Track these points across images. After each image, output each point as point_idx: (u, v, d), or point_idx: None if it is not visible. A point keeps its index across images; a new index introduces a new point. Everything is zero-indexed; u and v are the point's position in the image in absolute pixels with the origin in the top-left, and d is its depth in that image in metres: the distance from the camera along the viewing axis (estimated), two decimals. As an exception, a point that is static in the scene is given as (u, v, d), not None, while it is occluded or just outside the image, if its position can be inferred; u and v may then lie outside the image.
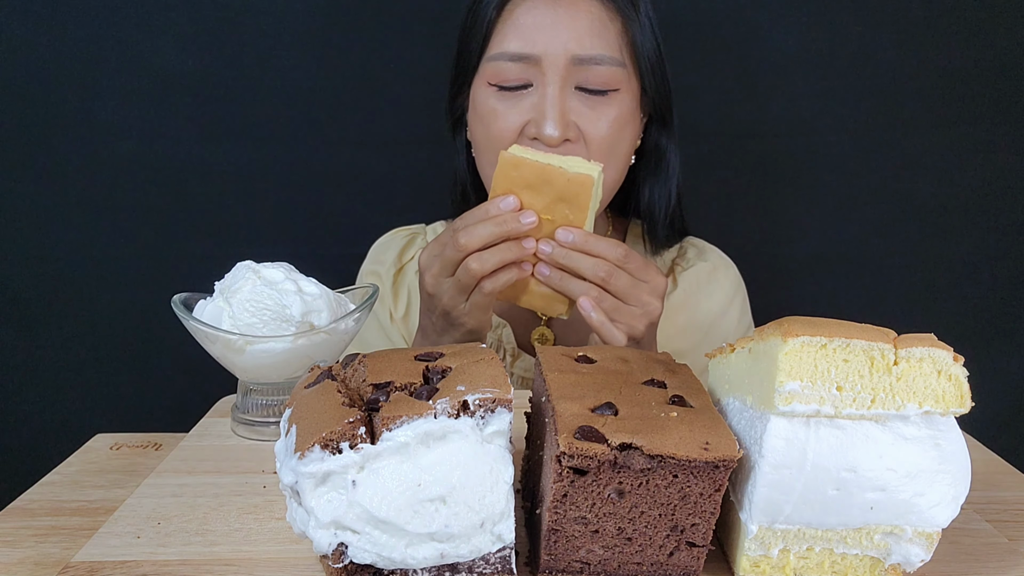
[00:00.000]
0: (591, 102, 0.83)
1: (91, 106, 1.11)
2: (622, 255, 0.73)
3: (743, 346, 0.49)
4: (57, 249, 1.15)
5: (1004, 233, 1.19)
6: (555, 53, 0.81)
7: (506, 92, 0.84)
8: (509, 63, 0.83)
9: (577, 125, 0.83)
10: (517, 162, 0.71)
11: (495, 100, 0.85)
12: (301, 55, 1.12)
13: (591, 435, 0.41)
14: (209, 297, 0.67)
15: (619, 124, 0.85)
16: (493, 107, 0.85)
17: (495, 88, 0.84)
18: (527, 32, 0.82)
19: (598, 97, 0.83)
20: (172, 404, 1.19)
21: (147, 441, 0.71)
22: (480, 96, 0.86)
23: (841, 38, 1.14)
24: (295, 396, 0.47)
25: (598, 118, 0.83)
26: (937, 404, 0.43)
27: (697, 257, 1.01)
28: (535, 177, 0.71)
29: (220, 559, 0.48)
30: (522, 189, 0.72)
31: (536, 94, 0.83)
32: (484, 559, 0.44)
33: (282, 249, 1.17)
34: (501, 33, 0.84)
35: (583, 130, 0.83)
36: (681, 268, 1.00)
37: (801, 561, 0.46)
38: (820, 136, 1.17)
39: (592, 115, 0.83)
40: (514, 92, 0.84)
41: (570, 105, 0.82)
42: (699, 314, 0.97)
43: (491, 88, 0.85)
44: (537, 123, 0.82)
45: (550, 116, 0.81)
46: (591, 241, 0.72)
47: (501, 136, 0.84)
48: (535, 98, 0.83)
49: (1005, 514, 0.55)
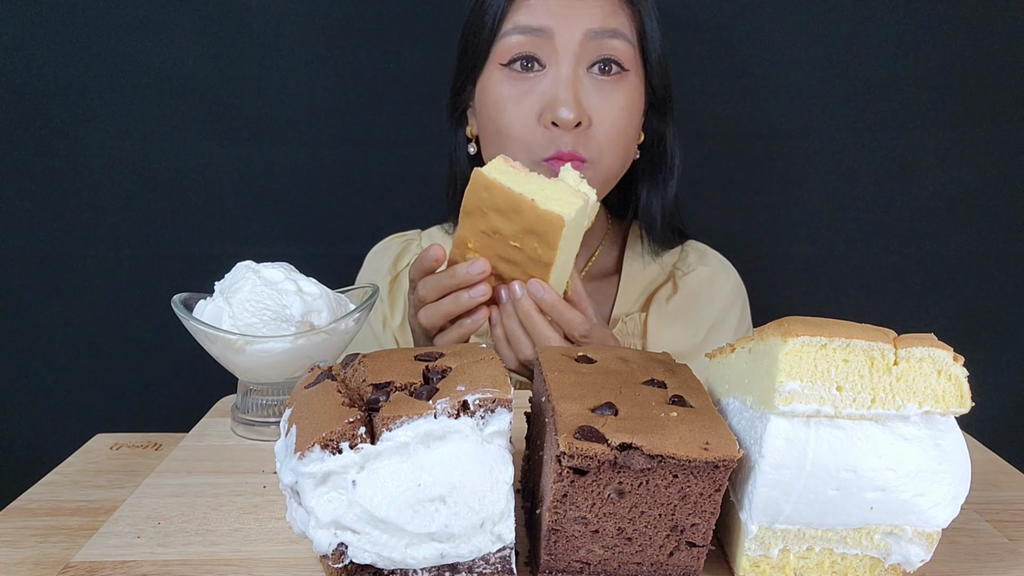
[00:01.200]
0: (603, 86, 0.83)
1: (91, 106, 1.11)
2: (585, 331, 0.72)
3: (743, 346, 0.49)
4: (57, 249, 1.15)
5: (1004, 233, 1.19)
6: (570, 29, 0.81)
7: (518, 76, 0.83)
8: (522, 37, 0.82)
9: (591, 111, 0.82)
10: (488, 184, 0.67)
11: (507, 87, 0.84)
12: (301, 55, 1.12)
13: (591, 435, 0.41)
14: (209, 297, 0.67)
15: (628, 110, 0.85)
16: (506, 95, 0.84)
17: (507, 71, 0.83)
18: (541, 7, 0.82)
19: (610, 82, 0.83)
20: (172, 404, 1.19)
21: (147, 441, 0.71)
22: (491, 83, 0.85)
23: (841, 38, 1.14)
24: (295, 396, 0.47)
25: (609, 103, 0.83)
26: (937, 404, 0.43)
27: (698, 262, 1.01)
28: (505, 204, 0.67)
29: (220, 559, 0.48)
30: (491, 211, 0.68)
31: (549, 76, 0.82)
32: (484, 559, 0.44)
33: (282, 249, 1.17)
34: (515, 8, 0.83)
35: (593, 116, 0.83)
36: (682, 272, 0.99)
37: (801, 561, 0.46)
38: (820, 136, 1.17)
39: (603, 100, 0.83)
40: (526, 76, 0.83)
41: (583, 90, 0.82)
42: (697, 318, 0.97)
43: (503, 72, 0.84)
44: (552, 107, 0.81)
45: (564, 98, 0.80)
46: (559, 308, 0.71)
47: (516, 124, 0.83)
48: (548, 81, 0.82)
49: (1005, 514, 0.55)
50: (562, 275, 0.74)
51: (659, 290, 0.98)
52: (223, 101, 1.12)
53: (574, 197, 0.67)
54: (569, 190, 0.68)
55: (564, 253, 0.70)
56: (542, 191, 0.67)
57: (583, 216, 0.70)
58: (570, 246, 0.71)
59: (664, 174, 0.95)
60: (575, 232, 0.71)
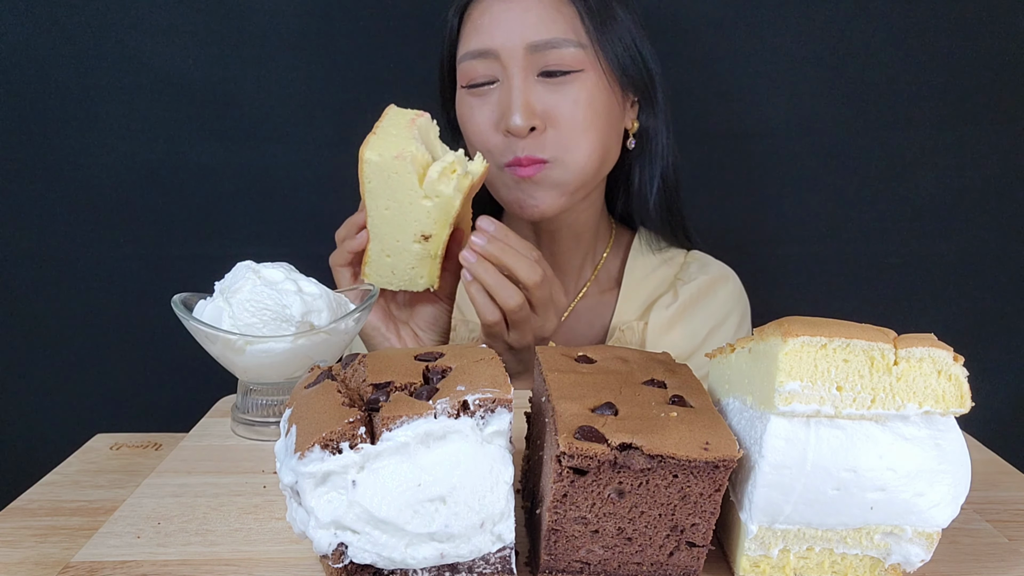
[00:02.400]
0: (555, 86, 0.85)
1: (91, 106, 1.11)
2: (538, 258, 0.76)
3: (743, 346, 0.49)
4: (57, 249, 1.15)
5: (1004, 233, 1.19)
6: (511, 44, 0.84)
7: (476, 91, 0.87)
8: (473, 61, 0.86)
9: (545, 112, 0.85)
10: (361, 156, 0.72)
11: (469, 103, 0.89)
12: (301, 55, 1.12)
13: (591, 435, 0.41)
14: (209, 297, 0.67)
15: (587, 104, 0.85)
16: (468, 110, 0.89)
17: (468, 91, 0.88)
18: (484, 30, 0.85)
19: (561, 81, 0.85)
20: (172, 404, 1.19)
21: (147, 441, 0.71)
22: (461, 103, 0.91)
23: (841, 38, 1.13)
24: (295, 396, 0.47)
25: (563, 100, 0.85)
26: (937, 404, 0.43)
27: (699, 271, 1.00)
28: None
29: (220, 559, 0.48)
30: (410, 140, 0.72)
31: (503, 87, 0.85)
32: (484, 559, 0.44)
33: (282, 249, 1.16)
34: (464, 36, 0.88)
35: (551, 115, 0.85)
36: (683, 283, 0.99)
37: (801, 561, 0.46)
38: (819, 136, 1.17)
39: (557, 98, 0.85)
40: (483, 90, 0.87)
41: (535, 95, 0.84)
42: (694, 324, 0.97)
43: (465, 92, 0.89)
44: (505, 116, 0.84)
45: (515, 107, 0.83)
46: (512, 237, 0.75)
47: (477, 135, 0.88)
48: (501, 92, 0.86)
49: (1005, 514, 0.55)
50: (399, 231, 0.75)
51: (660, 299, 0.98)
52: (223, 101, 1.12)
53: (409, 147, 0.71)
54: (415, 144, 0.71)
55: (386, 199, 0.73)
56: (392, 144, 0.72)
57: (409, 171, 0.71)
58: (400, 194, 0.73)
59: (650, 156, 0.96)
60: (403, 184, 0.72)
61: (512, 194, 0.89)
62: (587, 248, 1.00)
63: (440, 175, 0.71)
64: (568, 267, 1.00)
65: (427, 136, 0.75)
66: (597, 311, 1.00)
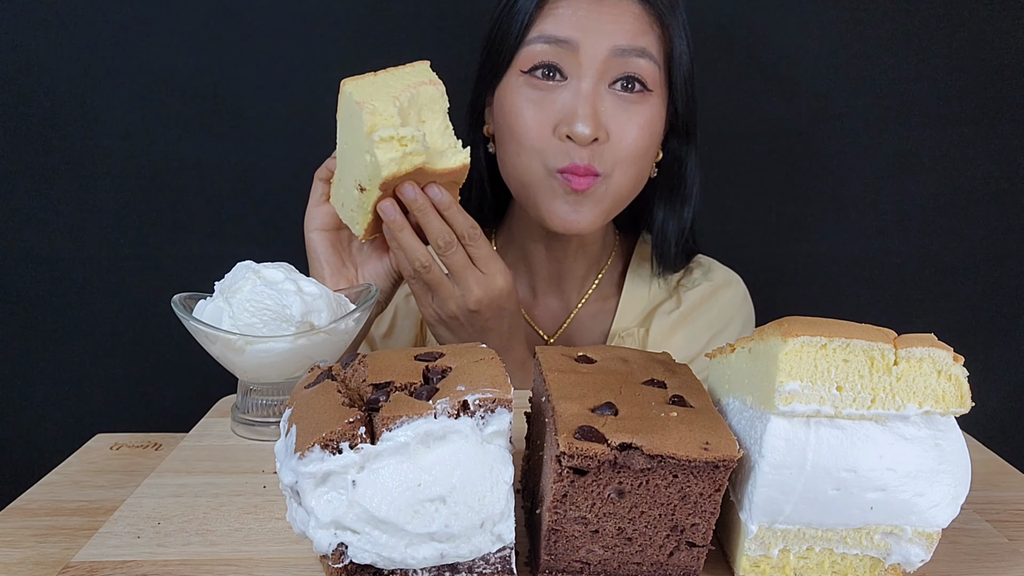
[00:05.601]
0: (625, 103, 0.82)
1: (91, 106, 1.11)
2: (472, 234, 0.74)
3: (743, 346, 0.49)
4: (57, 249, 1.15)
5: (1004, 233, 1.19)
6: (596, 43, 0.80)
7: (537, 83, 0.82)
8: (546, 46, 0.81)
9: (609, 127, 0.81)
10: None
11: (526, 93, 0.83)
12: (301, 55, 1.12)
13: (591, 435, 0.41)
14: (209, 297, 0.67)
15: (649, 130, 0.83)
16: (524, 101, 0.83)
17: (527, 78, 0.82)
18: (568, 20, 0.81)
19: (631, 99, 0.82)
20: (172, 404, 1.19)
21: (147, 441, 0.71)
22: (510, 88, 0.84)
23: (842, 39, 1.14)
24: (295, 396, 0.47)
25: (629, 121, 0.82)
26: (937, 404, 0.43)
27: (703, 277, 1.00)
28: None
29: (220, 559, 0.48)
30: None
31: (569, 89, 0.81)
32: (484, 559, 0.44)
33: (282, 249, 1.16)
34: (541, 20, 0.82)
35: (612, 133, 0.81)
36: (686, 288, 0.99)
37: (801, 561, 0.46)
38: (820, 136, 1.17)
39: (625, 117, 0.82)
40: (546, 84, 0.82)
41: (602, 106, 0.81)
42: (696, 330, 0.96)
43: (523, 79, 0.83)
44: (569, 121, 0.80)
45: (582, 113, 0.79)
46: (453, 209, 0.73)
47: (527, 131, 0.82)
48: (567, 94, 0.81)
49: (1005, 514, 0.55)
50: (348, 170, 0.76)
51: (661, 305, 0.98)
52: (223, 101, 1.12)
53: (377, 101, 0.71)
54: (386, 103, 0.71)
55: (345, 135, 0.74)
56: None
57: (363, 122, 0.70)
58: (352, 138, 0.73)
59: (681, 198, 0.94)
60: (356, 130, 0.72)
61: (554, 203, 0.83)
62: (593, 257, 0.99)
63: (383, 140, 0.69)
64: (573, 275, 0.99)
65: (424, 104, 0.73)
66: (599, 318, 1.00)
